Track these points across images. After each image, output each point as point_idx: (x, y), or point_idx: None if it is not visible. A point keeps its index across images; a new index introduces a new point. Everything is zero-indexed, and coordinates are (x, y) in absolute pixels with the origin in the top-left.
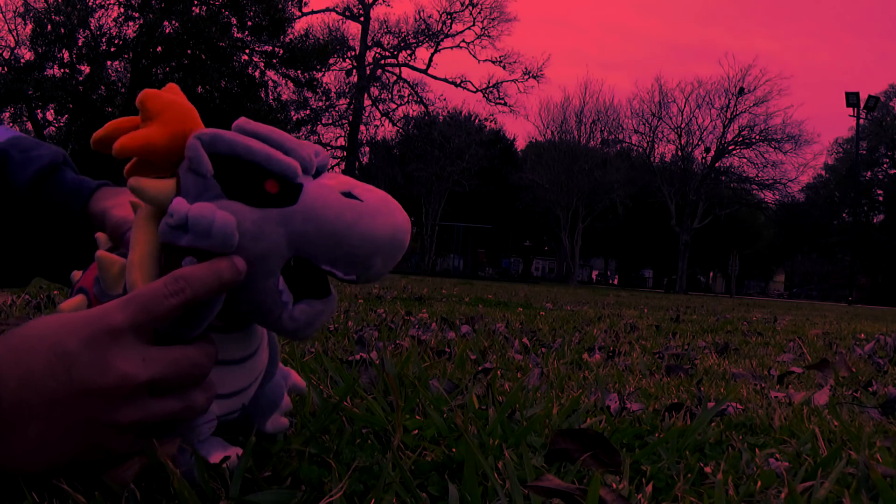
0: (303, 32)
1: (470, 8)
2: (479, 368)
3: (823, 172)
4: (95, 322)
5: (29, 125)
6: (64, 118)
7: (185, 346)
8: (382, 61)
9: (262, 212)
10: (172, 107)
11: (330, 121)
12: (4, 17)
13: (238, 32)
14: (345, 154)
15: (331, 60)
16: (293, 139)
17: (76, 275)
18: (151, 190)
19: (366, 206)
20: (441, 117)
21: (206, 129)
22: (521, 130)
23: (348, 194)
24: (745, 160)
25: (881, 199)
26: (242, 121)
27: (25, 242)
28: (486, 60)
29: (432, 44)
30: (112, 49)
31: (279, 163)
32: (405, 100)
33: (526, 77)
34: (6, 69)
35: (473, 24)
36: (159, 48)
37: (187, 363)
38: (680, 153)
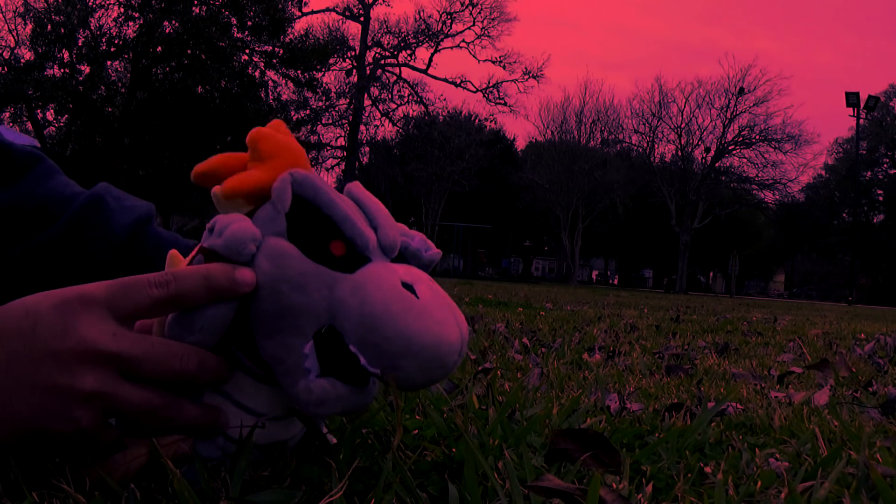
0: (303, 32)
1: (470, 8)
2: (479, 368)
3: (823, 172)
4: (73, 290)
5: (29, 125)
6: (64, 118)
7: (177, 342)
8: (382, 61)
9: (317, 267)
10: (284, 151)
11: (330, 121)
12: (4, 17)
13: (238, 32)
14: (345, 154)
15: (331, 60)
16: (390, 219)
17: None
18: (227, 205)
19: (417, 303)
20: (441, 117)
21: (303, 171)
22: (521, 130)
23: (409, 287)
24: (745, 160)
25: (881, 199)
26: (354, 184)
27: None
28: (486, 60)
29: (432, 44)
30: (112, 49)
31: (354, 228)
32: (405, 100)
33: (526, 77)
34: (6, 69)
35: (473, 24)
36: (159, 48)
37: (167, 353)
38: (680, 153)
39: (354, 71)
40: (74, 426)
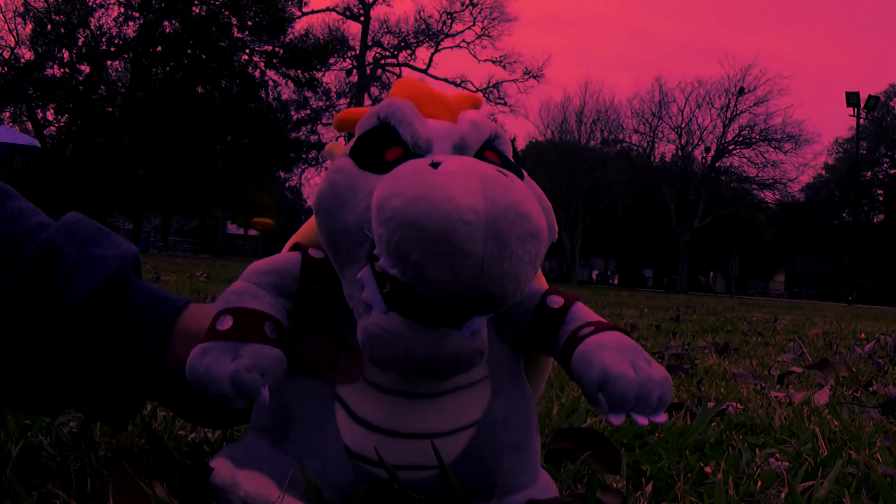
0: (303, 32)
1: (470, 8)
2: None
3: (823, 172)
4: None
5: (29, 125)
6: (64, 118)
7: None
8: (382, 61)
9: (362, 175)
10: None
11: (330, 120)
12: (4, 17)
13: (238, 32)
14: None
15: (331, 60)
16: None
17: None
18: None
19: (428, 176)
20: None
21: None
22: (521, 130)
23: (436, 164)
24: (745, 160)
25: (881, 199)
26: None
27: (65, 366)
28: (486, 60)
29: (432, 44)
30: (112, 49)
31: (410, 128)
32: None
33: (526, 77)
34: (6, 69)
35: (473, 24)
36: (159, 48)
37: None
38: (680, 153)
39: (354, 71)
40: None
